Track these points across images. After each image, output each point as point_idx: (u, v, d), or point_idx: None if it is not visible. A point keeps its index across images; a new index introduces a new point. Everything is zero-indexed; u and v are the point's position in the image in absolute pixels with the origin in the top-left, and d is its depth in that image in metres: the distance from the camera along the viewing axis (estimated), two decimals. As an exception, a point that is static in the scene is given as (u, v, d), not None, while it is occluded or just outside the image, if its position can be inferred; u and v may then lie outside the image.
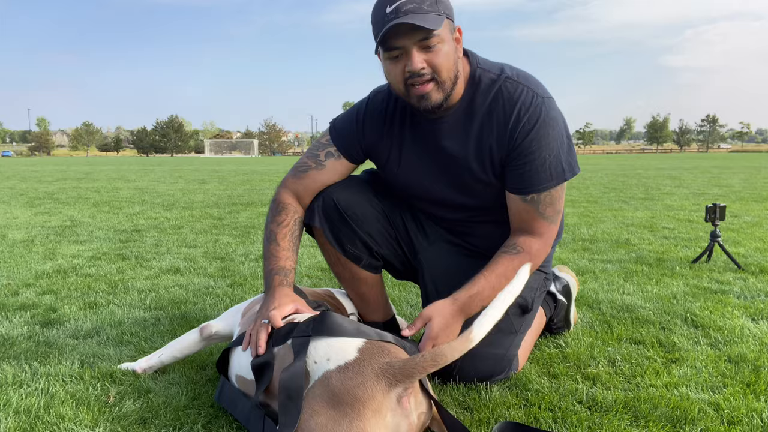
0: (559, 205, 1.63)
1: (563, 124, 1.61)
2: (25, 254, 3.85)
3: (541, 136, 1.56)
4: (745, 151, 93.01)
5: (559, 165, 1.59)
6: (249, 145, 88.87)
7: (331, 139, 1.77)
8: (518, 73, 1.62)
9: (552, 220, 1.63)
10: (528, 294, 1.74)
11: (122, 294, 2.78)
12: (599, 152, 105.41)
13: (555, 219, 1.64)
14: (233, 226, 5.31)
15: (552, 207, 1.61)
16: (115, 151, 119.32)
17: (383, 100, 1.73)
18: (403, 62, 1.50)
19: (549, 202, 1.60)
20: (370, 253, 1.82)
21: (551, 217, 1.62)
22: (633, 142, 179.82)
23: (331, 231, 1.78)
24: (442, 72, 1.50)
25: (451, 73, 1.53)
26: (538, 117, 1.56)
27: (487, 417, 1.46)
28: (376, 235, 1.80)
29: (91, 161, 37.49)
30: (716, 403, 1.53)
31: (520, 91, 1.58)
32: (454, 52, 1.54)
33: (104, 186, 11.16)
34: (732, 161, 29.07)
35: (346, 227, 1.77)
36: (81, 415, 1.48)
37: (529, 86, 1.59)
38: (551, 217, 1.62)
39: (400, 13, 1.44)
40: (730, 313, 2.36)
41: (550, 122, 1.57)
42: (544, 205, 1.60)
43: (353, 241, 1.79)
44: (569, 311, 2.13)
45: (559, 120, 1.60)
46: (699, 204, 7.01)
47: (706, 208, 3.38)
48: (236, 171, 18.99)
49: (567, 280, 2.17)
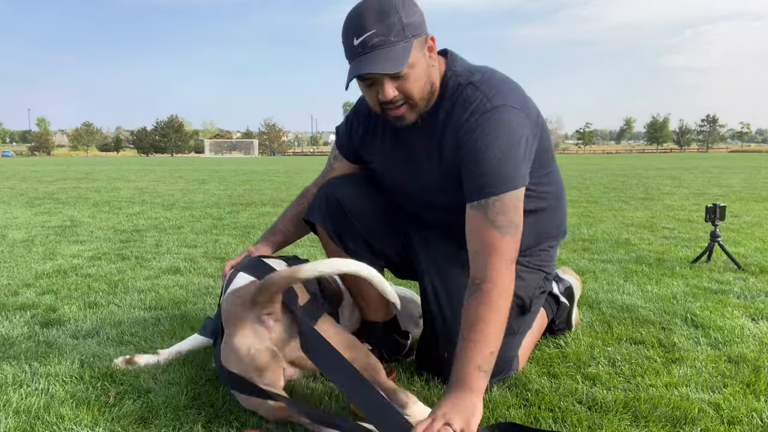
0: (513, 216, 1.48)
1: (519, 133, 1.51)
2: (25, 254, 3.86)
3: (486, 140, 1.49)
4: (745, 151, 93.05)
5: (508, 171, 1.48)
6: (249, 145, 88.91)
7: (335, 142, 1.88)
8: (489, 78, 1.57)
9: (506, 231, 1.46)
10: (526, 294, 1.72)
11: (122, 294, 2.78)
12: (599, 152, 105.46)
13: (510, 231, 1.47)
14: (233, 226, 5.32)
15: (504, 216, 1.47)
16: (115, 151, 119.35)
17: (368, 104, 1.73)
18: (376, 89, 1.51)
19: (500, 209, 1.47)
20: (371, 250, 1.82)
21: (504, 227, 1.46)
22: (633, 142, 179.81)
23: (333, 228, 1.80)
24: (414, 96, 1.52)
25: (424, 92, 1.54)
26: (486, 121, 1.50)
27: (487, 417, 1.46)
28: (377, 232, 1.81)
29: (91, 161, 37.51)
30: (716, 403, 1.53)
31: (476, 97, 1.53)
32: (426, 68, 1.53)
33: (104, 186, 11.17)
34: (732, 161, 29.09)
35: (348, 224, 1.78)
36: (81, 415, 1.48)
37: (487, 93, 1.53)
38: (504, 228, 1.46)
39: (367, 48, 1.44)
40: (730, 313, 2.36)
41: (501, 126, 1.49)
42: (494, 212, 1.47)
43: (354, 239, 1.80)
44: (571, 313, 2.13)
45: (515, 128, 1.51)
46: (699, 204, 7.01)
47: (706, 208, 3.38)
48: (236, 171, 19.00)
49: (570, 282, 2.17)
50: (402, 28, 1.45)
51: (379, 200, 1.81)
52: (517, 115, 1.53)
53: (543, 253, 1.78)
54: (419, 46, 1.50)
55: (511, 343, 1.71)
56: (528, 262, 1.74)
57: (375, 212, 1.80)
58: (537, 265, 1.76)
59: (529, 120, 1.56)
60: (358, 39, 1.45)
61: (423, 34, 1.51)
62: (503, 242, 1.46)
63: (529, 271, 1.74)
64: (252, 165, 26.98)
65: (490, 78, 1.58)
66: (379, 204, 1.81)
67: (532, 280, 1.74)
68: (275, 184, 11.91)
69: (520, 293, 1.70)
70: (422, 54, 1.51)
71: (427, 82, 1.54)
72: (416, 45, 1.48)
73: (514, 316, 1.69)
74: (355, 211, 1.78)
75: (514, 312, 1.69)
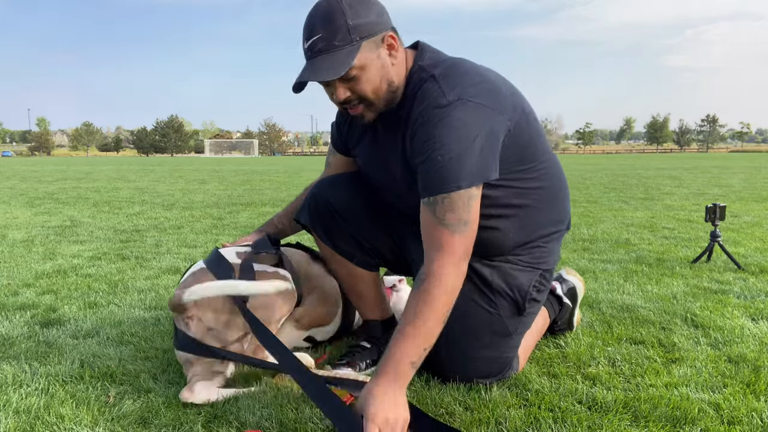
0: (464, 213, 1.43)
1: (475, 129, 1.45)
2: (25, 254, 3.85)
3: (436, 135, 1.44)
4: (745, 151, 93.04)
5: (459, 169, 1.43)
6: (249, 145, 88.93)
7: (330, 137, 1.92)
8: (451, 71, 1.53)
9: (455, 230, 1.43)
10: (519, 293, 1.68)
11: (122, 294, 2.78)
12: (599, 152, 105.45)
13: (460, 229, 1.43)
14: (233, 226, 5.31)
15: (453, 214, 1.43)
16: (115, 151, 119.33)
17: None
18: (331, 90, 1.53)
19: (449, 207, 1.43)
20: (362, 249, 1.83)
21: (453, 225, 1.43)
22: (633, 142, 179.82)
23: (322, 228, 1.81)
24: (368, 96, 1.52)
25: (380, 92, 1.53)
26: (439, 116, 1.45)
27: (487, 417, 1.46)
28: (367, 231, 1.81)
29: (91, 161, 37.50)
30: (716, 403, 1.53)
31: (433, 91, 1.49)
32: (381, 68, 1.51)
33: (104, 186, 11.16)
34: (732, 161, 29.08)
35: (336, 224, 1.79)
36: (81, 415, 1.48)
37: (445, 88, 1.48)
38: (453, 226, 1.43)
39: (314, 53, 1.46)
40: (730, 313, 2.36)
41: (453, 122, 1.44)
42: (442, 209, 1.43)
43: (344, 238, 1.81)
44: (573, 314, 2.13)
45: (468, 123, 1.45)
46: (699, 204, 7.01)
47: (706, 208, 3.38)
48: (236, 171, 19.00)
49: (573, 283, 2.16)
50: (348, 31, 1.45)
51: (368, 198, 1.80)
52: (474, 109, 1.47)
53: (536, 250, 1.71)
54: (371, 47, 1.48)
55: (507, 344, 1.70)
56: (519, 260, 1.69)
57: (364, 211, 1.80)
58: (529, 262, 1.70)
59: (495, 113, 1.49)
60: (306, 43, 1.48)
61: (377, 34, 1.49)
62: (451, 240, 1.43)
63: (521, 269, 1.69)
64: (252, 165, 26.98)
65: (453, 70, 1.53)
66: (368, 202, 1.80)
67: (525, 278, 1.69)
68: (275, 184, 11.91)
69: (512, 292, 1.67)
70: (375, 54, 1.49)
71: (383, 81, 1.52)
72: (366, 46, 1.47)
73: (508, 316, 1.68)
74: (344, 210, 1.78)
75: (508, 312, 1.67)
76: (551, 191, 1.71)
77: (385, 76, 1.52)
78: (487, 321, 1.66)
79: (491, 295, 1.66)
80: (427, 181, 1.46)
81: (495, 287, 1.66)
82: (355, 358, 1.82)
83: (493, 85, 1.54)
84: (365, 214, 1.80)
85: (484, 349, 1.66)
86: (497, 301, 1.66)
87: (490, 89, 1.53)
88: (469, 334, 1.65)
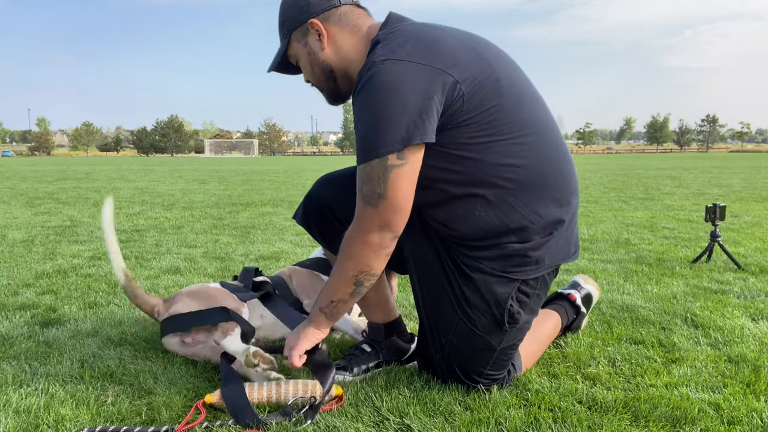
0: (377, 185, 1.38)
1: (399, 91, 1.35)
2: (25, 254, 3.85)
3: (359, 104, 1.40)
4: (745, 151, 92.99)
5: (372, 137, 1.37)
6: (249, 145, 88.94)
7: None
8: (395, 34, 1.45)
9: (368, 201, 1.40)
10: (497, 308, 1.56)
11: (122, 294, 2.77)
12: (599, 152, 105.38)
13: (372, 201, 1.40)
14: (233, 226, 5.31)
15: (368, 185, 1.39)
16: (115, 151, 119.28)
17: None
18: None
19: (366, 178, 1.40)
20: None
21: (367, 197, 1.40)
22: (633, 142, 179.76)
23: (316, 228, 1.79)
24: (311, 81, 1.64)
25: (316, 76, 1.62)
26: (363, 83, 1.39)
27: (487, 417, 1.46)
28: None
29: (91, 161, 37.49)
30: (716, 403, 1.53)
31: (371, 55, 1.43)
32: (308, 56, 1.59)
33: (104, 186, 11.16)
34: (732, 161, 29.08)
35: (330, 224, 1.76)
36: (81, 415, 1.48)
37: (380, 51, 1.40)
38: (368, 198, 1.40)
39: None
40: (730, 313, 2.36)
41: (373, 89, 1.36)
42: (361, 180, 1.42)
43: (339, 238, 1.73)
44: (584, 319, 2.14)
45: (391, 85, 1.35)
46: (699, 204, 7.01)
47: (706, 208, 3.38)
48: (236, 171, 18.99)
49: (589, 291, 2.16)
50: (281, 26, 1.61)
51: None
52: (400, 69, 1.36)
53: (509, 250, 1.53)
54: (299, 37, 1.60)
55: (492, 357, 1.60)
56: (492, 267, 1.54)
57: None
58: (503, 270, 1.54)
59: (427, 68, 1.38)
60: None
61: (300, 24, 1.56)
62: (364, 211, 1.43)
63: (496, 279, 1.55)
64: (252, 165, 26.97)
65: (397, 33, 1.45)
66: None
67: (501, 290, 1.55)
68: (275, 184, 11.91)
69: (488, 306, 1.56)
70: (302, 43, 1.60)
71: (315, 67, 1.60)
72: (295, 37, 1.59)
73: (487, 331, 1.58)
74: (337, 210, 1.74)
75: (486, 327, 1.58)
76: (531, 173, 1.51)
77: (315, 62, 1.59)
78: (468, 335, 1.58)
79: (468, 309, 1.57)
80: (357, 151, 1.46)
81: (471, 301, 1.57)
82: (352, 362, 1.76)
83: (436, 42, 1.44)
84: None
85: (470, 363, 1.61)
86: (475, 317, 1.57)
87: (430, 46, 1.42)
88: (454, 346, 1.61)
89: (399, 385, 1.65)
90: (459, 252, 1.59)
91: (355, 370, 1.75)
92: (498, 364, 1.62)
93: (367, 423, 1.44)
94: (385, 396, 1.58)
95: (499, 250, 1.54)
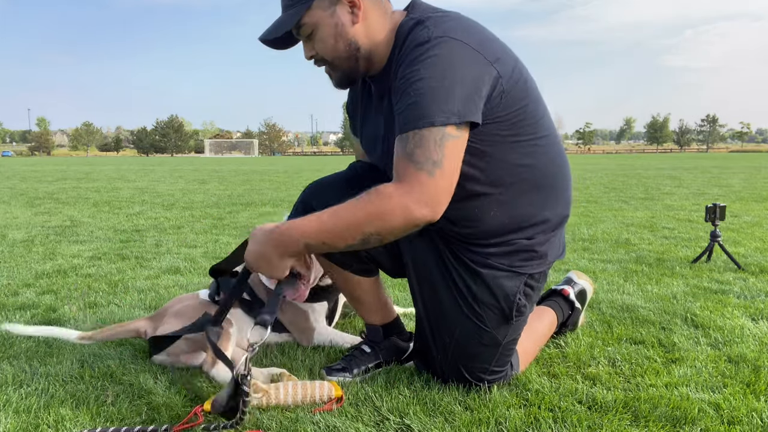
0: (434, 152, 1.33)
1: (455, 66, 1.35)
2: (25, 254, 3.85)
3: (413, 71, 1.36)
4: (745, 151, 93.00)
5: (431, 105, 1.33)
6: (249, 145, 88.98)
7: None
8: (442, 17, 1.44)
9: (422, 167, 1.33)
10: (506, 302, 1.58)
11: (122, 294, 2.78)
12: (599, 152, 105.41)
13: (427, 167, 1.33)
14: (233, 226, 5.31)
15: (422, 150, 1.33)
16: (115, 151, 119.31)
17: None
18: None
19: (418, 142, 1.34)
20: (357, 258, 1.74)
21: (421, 162, 1.33)
22: (633, 142, 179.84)
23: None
24: (326, 56, 1.50)
25: (337, 52, 1.49)
26: (417, 52, 1.37)
27: (487, 417, 1.46)
28: None
29: (91, 161, 37.48)
30: (716, 403, 1.53)
31: (420, 31, 1.41)
32: (335, 27, 1.46)
33: (104, 186, 11.16)
34: (732, 161, 29.08)
35: None
36: (81, 415, 1.48)
37: (433, 27, 1.40)
38: (421, 163, 1.33)
39: (282, 8, 1.50)
40: (730, 313, 2.36)
41: (431, 59, 1.35)
42: (412, 144, 1.34)
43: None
44: (580, 315, 2.13)
45: (449, 60, 1.35)
46: (699, 204, 7.01)
47: (706, 208, 3.38)
48: (236, 171, 18.99)
49: (583, 286, 2.15)
50: None
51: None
52: (459, 48, 1.37)
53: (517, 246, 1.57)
54: (324, 5, 1.46)
55: (499, 353, 1.63)
56: (500, 263, 1.57)
57: None
58: (511, 266, 1.58)
59: (482, 57, 1.39)
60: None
61: None
62: (417, 178, 1.33)
63: (505, 275, 1.58)
64: (252, 165, 26.97)
65: (445, 15, 1.45)
66: None
67: (510, 285, 1.58)
68: (275, 184, 11.91)
69: (498, 302, 1.58)
70: (328, 13, 1.46)
71: (339, 41, 1.47)
72: (319, 5, 1.46)
73: (495, 326, 1.60)
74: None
75: (495, 322, 1.60)
76: (542, 174, 1.56)
77: (341, 35, 1.47)
78: (475, 332, 1.60)
79: (476, 306, 1.58)
80: (400, 118, 1.37)
81: (480, 298, 1.58)
82: (352, 363, 1.76)
83: (487, 34, 1.46)
84: None
85: (476, 360, 1.62)
86: (483, 312, 1.58)
87: (482, 37, 1.43)
88: (459, 346, 1.61)
89: (399, 385, 1.65)
90: (465, 249, 1.59)
91: (355, 371, 1.74)
92: (502, 359, 1.65)
93: (367, 423, 1.44)
94: (385, 396, 1.58)
95: (509, 246, 1.57)
